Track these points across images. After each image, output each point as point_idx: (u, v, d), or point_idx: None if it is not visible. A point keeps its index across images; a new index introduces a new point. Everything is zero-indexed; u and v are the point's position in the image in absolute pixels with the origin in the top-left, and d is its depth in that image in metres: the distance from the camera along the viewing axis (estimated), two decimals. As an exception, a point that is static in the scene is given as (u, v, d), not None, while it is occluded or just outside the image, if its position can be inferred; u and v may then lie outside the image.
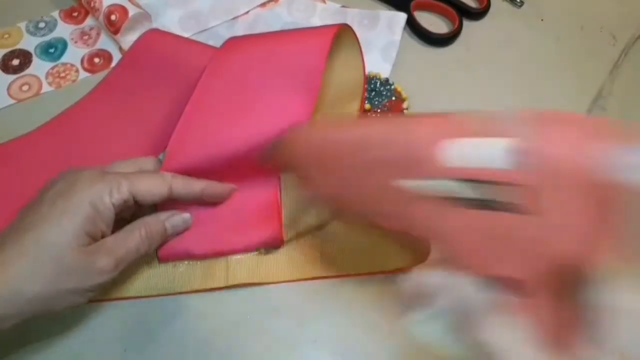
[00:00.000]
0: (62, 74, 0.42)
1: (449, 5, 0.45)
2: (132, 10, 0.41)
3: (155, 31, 0.42)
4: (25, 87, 0.41)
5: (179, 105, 0.39)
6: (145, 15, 0.42)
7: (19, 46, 0.43)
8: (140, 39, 0.40)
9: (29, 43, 0.43)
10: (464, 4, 0.46)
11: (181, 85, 0.39)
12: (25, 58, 0.42)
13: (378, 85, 0.38)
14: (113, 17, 0.41)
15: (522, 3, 0.47)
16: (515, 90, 0.43)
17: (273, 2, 0.46)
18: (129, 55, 0.41)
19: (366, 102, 0.37)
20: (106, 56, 0.43)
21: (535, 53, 0.44)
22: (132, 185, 0.29)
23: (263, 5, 0.46)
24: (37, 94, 0.41)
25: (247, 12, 0.45)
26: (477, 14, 0.46)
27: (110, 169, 0.31)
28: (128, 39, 0.41)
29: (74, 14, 0.44)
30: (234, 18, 0.45)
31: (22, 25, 0.44)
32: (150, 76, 0.40)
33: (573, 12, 0.46)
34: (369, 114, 0.37)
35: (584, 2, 0.47)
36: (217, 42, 0.42)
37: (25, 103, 0.40)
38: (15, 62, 0.42)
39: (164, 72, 0.40)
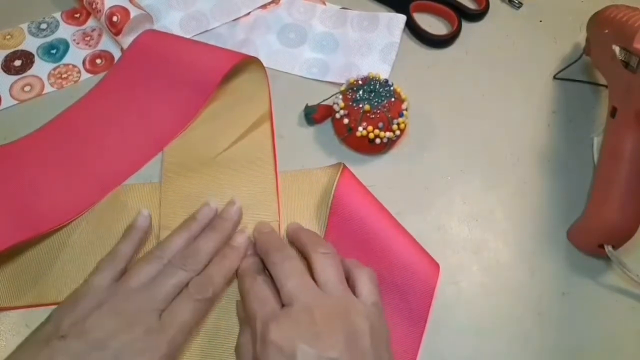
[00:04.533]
0: (64, 75, 0.42)
1: (448, 7, 0.46)
2: (133, 12, 0.41)
3: (152, 31, 0.42)
4: (27, 88, 0.41)
5: (177, 103, 0.40)
6: (147, 17, 0.43)
7: (21, 47, 0.43)
8: (137, 39, 0.41)
9: (31, 44, 0.43)
10: (463, 5, 0.46)
11: (179, 83, 0.40)
12: (27, 59, 0.42)
13: (377, 86, 0.38)
14: (115, 19, 0.41)
15: (520, 4, 0.47)
16: (513, 91, 0.43)
17: (274, 4, 0.46)
18: (126, 56, 0.41)
19: (366, 103, 0.37)
20: (108, 57, 0.43)
21: (534, 54, 0.45)
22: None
23: (264, 7, 0.46)
24: (39, 94, 0.41)
25: (248, 13, 0.45)
26: (476, 16, 0.46)
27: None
28: (130, 40, 0.41)
29: (75, 15, 0.45)
30: (235, 19, 0.45)
31: (24, 26, 0.44)
32: (148, 75, 0.40)
33: (572, 13, 0.46)
34: (368, 114, 0.37)
35: (582, 3, 0.47)
36: (218, 43, 0.43)
37: (27, 104, 0.41)
38: (17, 63, 0.42)
39: (162, 71, 0.40)
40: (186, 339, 0.30)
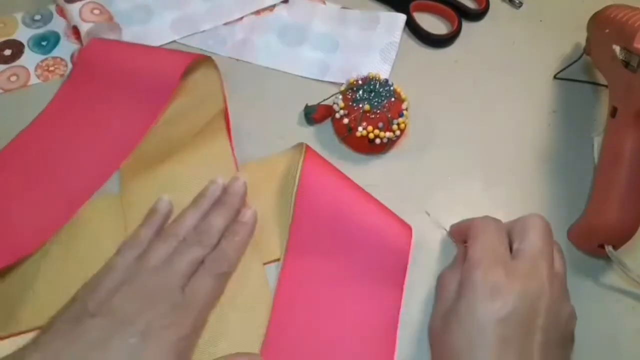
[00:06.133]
0: (51, 68, 0.41)
1: (448, 7, 0.46)
2: (85, 28, 0.40)
3: (97, 40, 0.40)
4: (13, 78, 0.40)
5: (134, 111, 0.38)
6: (110, 27, 0.41)
7: (13, 36, 0.42)
8: (82, 49, 0.40)
9: (23, 34, 0.42)
10: (463, 5, 0.46)
11: (133, 90, 0.38)
12: (17, 49, 0.42)
13: (377, 86, 0.38)
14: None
15: (521, 4, 0.47)
16: (513, 90, 0.43)
17: (268, 11, 0.45)
18: (75, 68, 0.40)
19: (366, 103, 0.37)
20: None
21: (534, 54, 0.45)
22: None
23: (257, 12, 0.45)
24: (24, 85, 0.40)
25: (241, 18, 0.44)
26: (476, 15, 0.46)
27: None
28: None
29: (69, 9, 0.44)
30: (226, 23, 0.44)
31: (19, 16, 0.43)
32: (100, 86, 0.39)
33: (572, 13, 0.46)
34: (368, 114, 0.36)
35: (582, 3, 0.48)
36: (217, 43, 0.42)
37: (12, 94, 0.40)
38: (8, 52, 0.41)
39: (114, 79, 0.39)
40: (208, 314, 0.31)
